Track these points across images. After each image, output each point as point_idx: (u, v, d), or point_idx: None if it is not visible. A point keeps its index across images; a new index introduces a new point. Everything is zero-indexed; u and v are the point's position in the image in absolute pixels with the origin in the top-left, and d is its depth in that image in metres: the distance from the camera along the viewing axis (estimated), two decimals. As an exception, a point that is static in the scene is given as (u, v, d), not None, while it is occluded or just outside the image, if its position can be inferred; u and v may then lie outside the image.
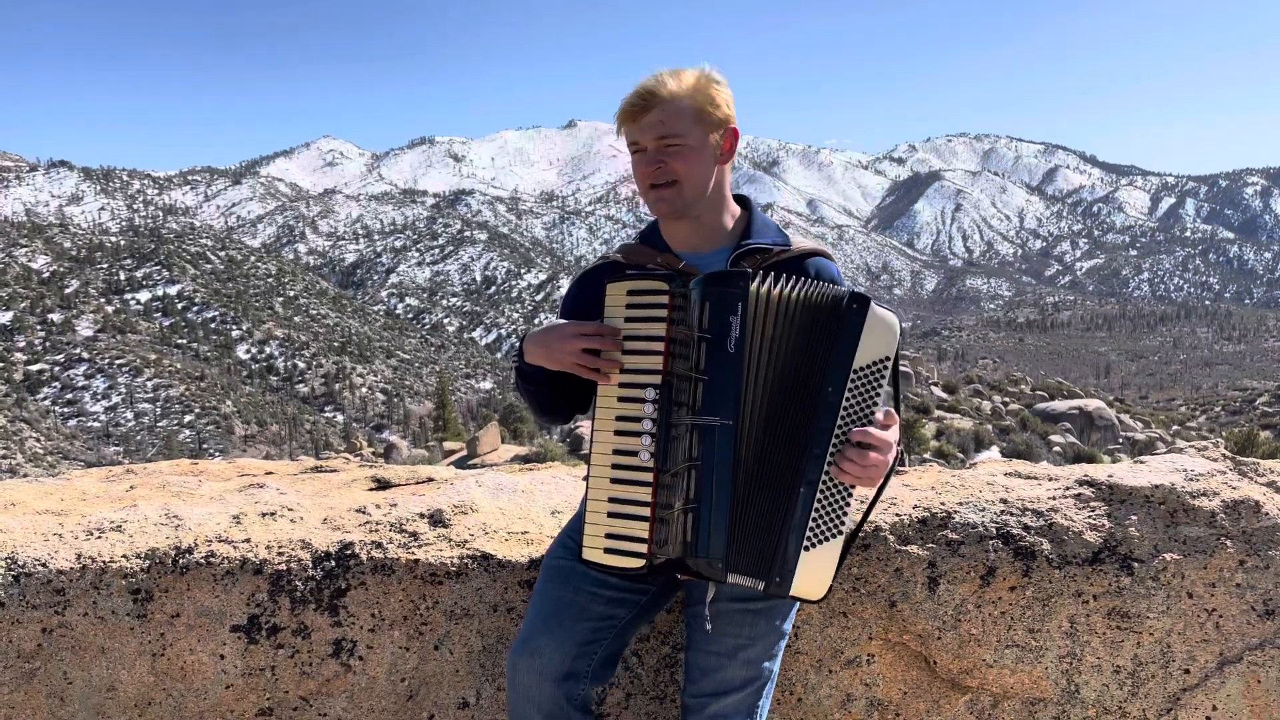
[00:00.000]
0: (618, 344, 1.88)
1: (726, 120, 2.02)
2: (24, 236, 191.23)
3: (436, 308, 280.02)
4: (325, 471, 3.19)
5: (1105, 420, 42.82)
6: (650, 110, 1.96)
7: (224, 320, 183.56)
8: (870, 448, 1.83)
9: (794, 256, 2.11)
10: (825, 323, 1.84)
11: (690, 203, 2.03)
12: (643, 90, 1.97)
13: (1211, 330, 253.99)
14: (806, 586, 1.87)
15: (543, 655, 1.99)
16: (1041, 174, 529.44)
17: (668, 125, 1.96)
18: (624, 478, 1.87)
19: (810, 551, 1.86)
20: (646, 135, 1.97)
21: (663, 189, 2.00)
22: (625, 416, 1.88)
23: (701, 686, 2.04)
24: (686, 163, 1.98)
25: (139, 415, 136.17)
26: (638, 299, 1.88)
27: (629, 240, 2.19)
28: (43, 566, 2.28)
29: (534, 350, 2.00)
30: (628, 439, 1.87)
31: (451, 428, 45.02)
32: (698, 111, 1.97)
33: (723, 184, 2.09)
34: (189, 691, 2.31)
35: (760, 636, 2.04)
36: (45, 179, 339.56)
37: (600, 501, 1.90)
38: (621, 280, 1.92)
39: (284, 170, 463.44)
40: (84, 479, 3.05)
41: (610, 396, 1.91)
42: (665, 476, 1.84)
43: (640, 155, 2.01)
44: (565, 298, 2.19)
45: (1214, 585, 2.42)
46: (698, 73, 2.00)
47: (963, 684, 2.42)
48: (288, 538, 2.41)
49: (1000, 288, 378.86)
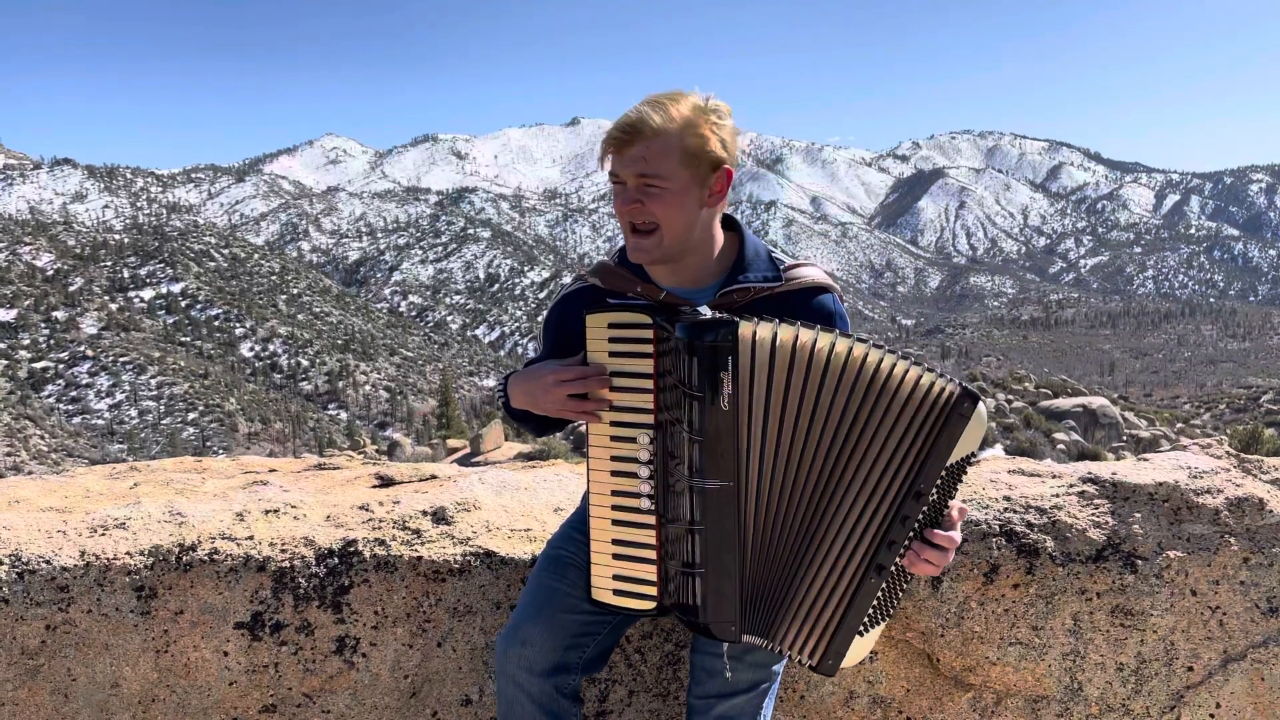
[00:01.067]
0: (604, 384, 1.82)
1: (719, 161, 1.84)
2: (28, 234, 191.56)
3: (440, 305, 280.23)
4: (328, 469, 3.20)
5: (1109, 418, 42.74)
6: (634, 144, 1.80)
7: (228, 318, 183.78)
8: (944, 549, 1.82)
9: (792, 291, 1.96)
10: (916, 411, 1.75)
11: (671, 250, 1.88)
12: (627, 121, 1.81)
13: (1216, 328, 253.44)
14: (848, 661, 1.87)
15: (532, 645, 1.97)
16: (1046, 171, 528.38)
17: (650, 164, 1.80)
18: (626, 519, 1.84)
19: (864, 636, 1.87)
20: (627, 170, 1.82)
21: (641, 236, 1.86)
22: (620, 457, 1.83)
23: (707, 688, 2.03)
24: (666, 207, 1.82)
25: (143, 413, 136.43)
26: (620, 333, 1.81)
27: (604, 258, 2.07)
28: (47, 563, 2.28)
29: (519, 396, 1.97)
30: (625, 480, 1.83)
31: (455, 425, 45.05)
32: (685, 152, 1.80)
33: (710, 225, 1.94)
34: (193, 688, 2.32)
35: None
36: (49, 177, 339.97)
37: (604, 542, 1.88)
38: (601, 312, 1.84)
39: (287, 168, 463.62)
40: (88, 476, 3.05)
41: (603, 435, 1.85)
42: (668, 526, 1.81)
43: (620, 188, 1.86)
44: (546, 321, 2.13)
45: (1218, 583, 2.41)
46: (694, 104, 1.82)
47: (966, 681, 2.42)
48: (291, 535, 2.41)
49: (1004, 285, 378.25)
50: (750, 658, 2.01)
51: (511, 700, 2.00)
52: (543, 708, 1.98)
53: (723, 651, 1.99)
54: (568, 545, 2.11)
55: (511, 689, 2.00)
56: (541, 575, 2.08)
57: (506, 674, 2.00)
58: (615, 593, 1.87)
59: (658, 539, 1.81)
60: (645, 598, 1.85)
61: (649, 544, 1.82)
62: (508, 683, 2.00)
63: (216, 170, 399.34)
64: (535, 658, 1.97)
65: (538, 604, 2.02)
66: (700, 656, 2.06)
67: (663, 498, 1.79)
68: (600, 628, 2.04)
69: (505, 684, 2.01)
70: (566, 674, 2.00)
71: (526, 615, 2.01)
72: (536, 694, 1.97)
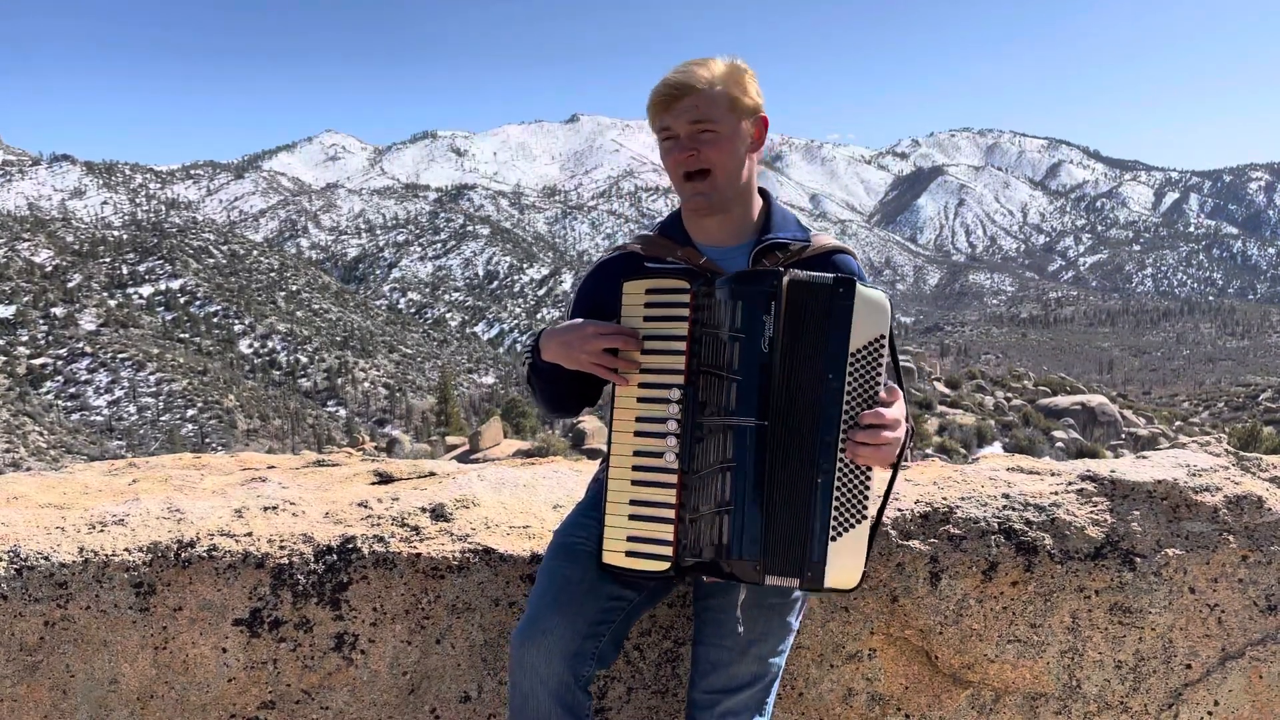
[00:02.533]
0: (638, 345, 1.88)
1: (757, 108, 2.03)
2: (27, 230, 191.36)
3: (439, 302, 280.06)
4: (327, 466, 3.20)
5: (1108, 416, 42.73)
6: (684, 98, 1.97)
7: (226, 314, 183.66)
8: (880, 427, 1.82)
9: (817, 254, 2.10)
10: (819, 311, 1.82)
11: (724, 193, 2.03)
12: (675, 78, 1.98)
13: (1215, 326, 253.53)
14: (839, 577, 1.85)
15: (553, 634, 1.95)
16: (1045, 169, 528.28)
17: (702, 110, 1.96)
18: (647, 479, 1.85)
19: (837, 541, 1.84)
20: (680, 121, 1.98)
21: (697, 180, 2.01)
22: (646, 418, 1.86)
23: (712, 682, 2.03)
24: (719, 150, 1.99)
25: (141, 409, 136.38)
26: (658, 298, 1.88)
27: (646, 230, 2.17)
28: (45, 560, 2.28)
29: (552, 347, 1.99)
30: (650, 440, 1.86)
31: (454, 422, 45.11)
32: (730, 99, 1.98)
33: (753, 175, 2.10)
34: (191, 684, 2.32)
35: (772, 632, 2.04)
36: (48, 173, 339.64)
37: (621, 504, 1.88)
38: (640, 279, 1.92)
39: (286, 164, 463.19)
40: (86, 473, 3.05)
41: (629, 397, 1.89)
42: (691, 478, 1.83)
43: (672, 142, 2.01)
44: (579, 290, 2.17)
45: (1216, 580, 2.42)
46: (728, 61, 2.01)
47: (964, 679, 2.42)
48: (290, 531, 2.41)
49: (1003, 283, 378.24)
50: (755, 650, 2.01)
51: (526, 694, 1.97)
52: (559, 699, 1.95)
53: (730, 645, 1.99)
54: (578, 532, 2.10)
55: (529, 682, 1.96)
56: (554, 564, 2.07)
57: (525, 666, 1.96)
58: (628, 554, 1.87)
59: (678, 499, 1.84)
60: (660, 558, 1.85)
61: (669, 503, 1.84)
62: (525, 676, 1.97)
63: (215, 167, 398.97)
64: (555, 646, 1.94)
65: (554, 592, 2.00)
66: (704, 649, 2.05)
67: (688, 452, 1.83)
68: (615, 615, 2.02)
69: (521, 677, 1.97)
70: (584, 663, 1.97)
71: (544, 605, 1.99)
72: (554, 686, 1.95)
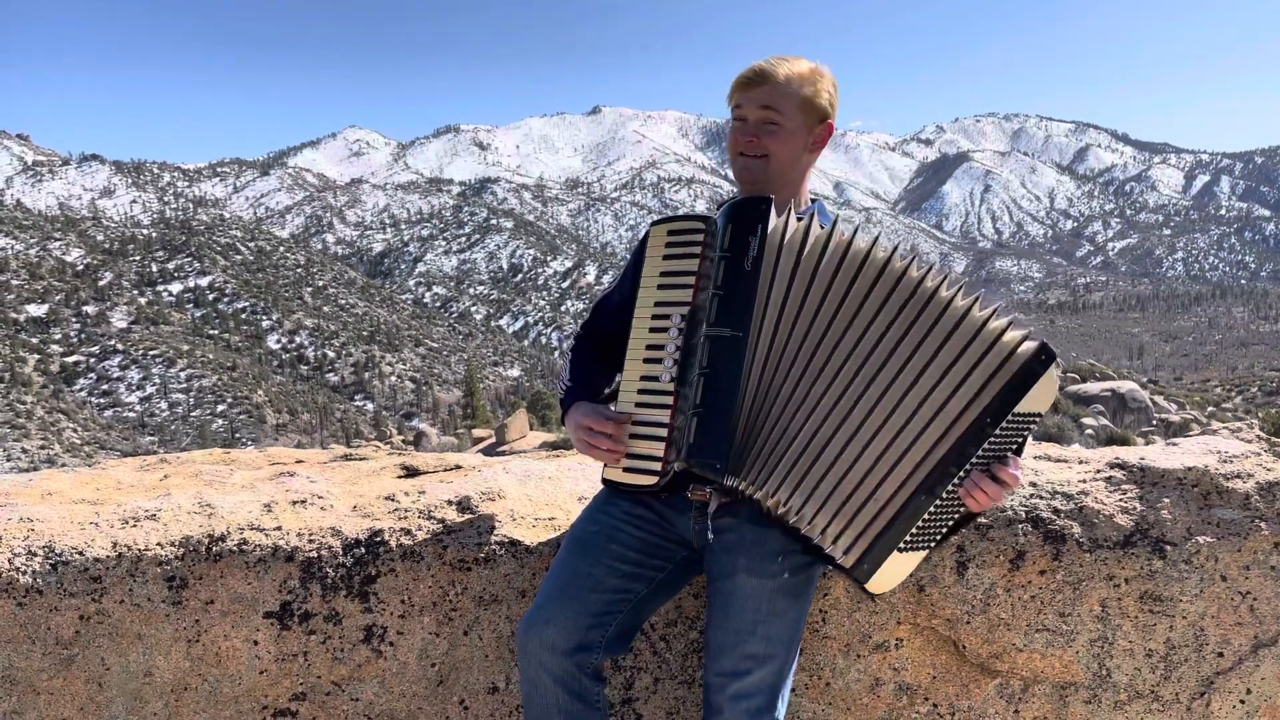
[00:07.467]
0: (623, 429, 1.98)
1: (826, 114, 2.16)
2: (58, 230, 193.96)
3: (464, 296, 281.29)
4: (355, 459, 3.22)
5: (1139, 402, 42.27)
6: (761, 85, 2.10)
7: (254, 310, 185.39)
8: (1007, 487, 1.89)
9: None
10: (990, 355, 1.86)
11: (772, 178, 2.14)
12: (759, 66, 2.12)
13: (1247, 310, 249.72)
14: (880, 581, 1.91)
15: (555, 625, 2.01)
16: (1072, 153, 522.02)
17: (773, 101, 2.10)
18: (647, 401, 1.96)
19: (903, 554, 1.91)
20: (752, 106, 2.11)
21: (750, 158, 2.13)
22: (654, 345, 1.97)
23: (722, 664, 2.04)
24: (779, 142, 2.11)
25: (173, 405, 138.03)
26: (676, 237, 2.00)
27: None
28: (80, 554, 2.32)
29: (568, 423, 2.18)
30: (653, 365, 1.97)
31: (480, 415, 45.30)
32: (803, 99, 2.11)
33: (805, 172, 2.21)
34: (224, 677, 2.35)
35: (780, 612, 2.03)
36: (78, 173, 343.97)
37: (626, 426, 1.99)
38: (664, 222, 2.05)
39: (311, 161, 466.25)
40: (119, 468, 3.09)
41: (642, 328, 2.00)
42: (683, 391, 1.92)
43: (740, 124, 2.14)
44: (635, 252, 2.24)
45: (1248, 568, 2.39)
46: (810, 65, 2.15)
47: (992, 668, 2.41)
48: (318, 525, 2.43)
49: (1031, 269, 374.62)
50: (763, 630, 2.01)
51: (534, 680, 2.04)
52: (565, 686, 2.02)
53: (737, 626, 2.01)
54: (590, 525, 2.15)
55: (534, 669, 2.03)
56: (565, 556, 2.12)
57: (529, 654, 2.04)
58: (625, 470, 1.99)
59: (671, 418, 1.92)
60: (649, 473, 1.95)
61: (663, 422, 1.93)
62: (530, 663, 2.04)
63: (241, 164, 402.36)
64: (558, 637, 2.01)
65: (561, 584, 2.07)
66: (714, 631, 2.07)
67: (682, 371, 1.92)
68: (622, 605, 2.07)
69: (528, 664, 2.04)
70: (589, 653, 2.03)
71: (550, 596, 2.06)
72: (560, 673, 2.01)
